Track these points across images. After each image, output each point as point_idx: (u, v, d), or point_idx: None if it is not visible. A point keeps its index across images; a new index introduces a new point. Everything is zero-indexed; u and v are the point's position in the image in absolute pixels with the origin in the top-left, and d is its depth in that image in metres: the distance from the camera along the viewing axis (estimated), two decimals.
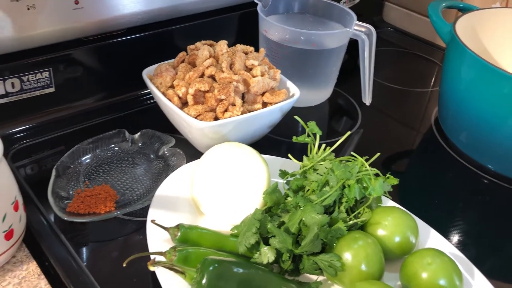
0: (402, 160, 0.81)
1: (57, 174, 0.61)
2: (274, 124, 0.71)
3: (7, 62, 0.66)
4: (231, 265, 0.47)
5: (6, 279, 0.52)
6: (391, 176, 0.59)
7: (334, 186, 0.54)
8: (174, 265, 0.46)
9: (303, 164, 0.60)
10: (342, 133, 0.81)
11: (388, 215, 0.55)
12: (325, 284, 0.52)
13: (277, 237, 0.50)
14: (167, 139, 0.69)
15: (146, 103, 0.82)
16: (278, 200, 0.56)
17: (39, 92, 0.71)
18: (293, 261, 0.52)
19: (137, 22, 0.74)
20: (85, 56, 0.74)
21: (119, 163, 0.67)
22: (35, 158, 0.70)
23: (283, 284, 0.48)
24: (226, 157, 0.57)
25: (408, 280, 0.50)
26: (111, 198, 0.60)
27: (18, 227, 0.53)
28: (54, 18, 0.65)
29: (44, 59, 0.69)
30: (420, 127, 0.89)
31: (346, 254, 0.50)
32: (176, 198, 0.58)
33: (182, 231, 0.51)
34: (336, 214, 0.53)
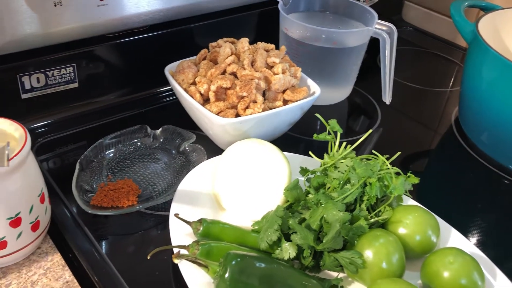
0: (421, 159, 0.81)
1: (81, 168, 0.62)
2: (294, 122, 0.71)
3: (33, 57, 0.67)
4: (253, 259, 0.47)
5: (32, 269, 0.54)
6: (412, 175, 0.59)
7: (356, 184, 0.54)
8: (197, 258, 0.47)
9: (324, 162, 0.60)
10: (360, 132, 0.81)
11: (409, 213, 0.55)
12: (345, 281, 0.52)
13: (298, 234, 0.50)
14: (188, 135, 0.69)
15: (166, 99, 0.83)
16: (298, 197, 0.56)
17: (63, 87, 0.72)
18: (314, 258, 0.52)
19: (159, 19, 0.75)
20: (108, 52, 0.75)
21: (141, 158, 0.68)
22: (58, 152, 0.71)
23: (304, 279, 0.48)
24: (248, 153, 0.58)
25: (429, 279, 0.50)
26: (134, 192, 0.60)
27: (43, 219, 0.54)
28: (80, 14, 0.66)
29: (69, 55, 0.70)
30: (439, 127, 0.88)
31: (367, 251, 0.50)
32: (198, 193, 0.59)
33: (204, 226, 0.52)
34: (358, 212, 0.53)
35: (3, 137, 0.53)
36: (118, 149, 0.68)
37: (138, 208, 0.59)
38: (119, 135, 0.68)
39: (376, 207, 0.57)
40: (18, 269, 0.53)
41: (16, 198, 0.50)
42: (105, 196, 0.59)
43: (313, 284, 0.48)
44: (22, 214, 0.50)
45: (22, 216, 0.51)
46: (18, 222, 0.50)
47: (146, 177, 0.65)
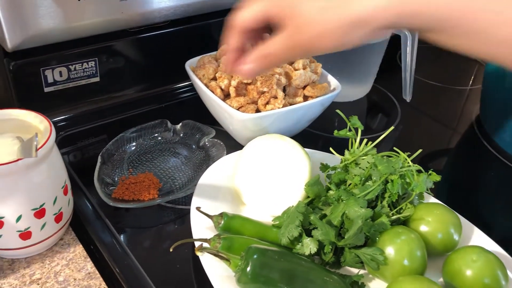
0: (440, 158, 0.80)
1: (103, 161, 0.63)
2: (314, 118, 0.71)
3: (56, 51, 0.68)
4: (275, 254, 0.47)
5: (54, 260, 0.54)
6: (433, 173, 0.59)
7: (377, 180, 0.54)
8: (219, 251, 0.47)
9: (344, 158, 0.59)
10: (378, 130, 0.81)
11: (431, 211, 0.54)
12: (365, 277, 0.52)
13: (320, 229, 0.50)
14: (207, 130, 0.70)
15: (186, 95, 0.83)
16: (319, 193, 0.56)
17: (85, 81, 0.72)
18: (334, 254, 0.52)
19: (180, 14, 0.75)
20: (129, 47, 0.75)
21: (161, 152, 0.69)
22: (79, 146, 0.72)
23: (325, 275, 0.48)
24: (269, 148, 0.58)
25: (451, 277, 0.50)
26: (154, 186, 0.61)
27: (66, 210, 0.55)
28: (102, 9, 0.67)
29: (91, 49, 0.71)
30: (459, 125, 0.87)
31: (389, 248, 0.50)
32: (218, 187, 0.59)
33: (225, 220, 0.52)
34: (379, 209, 0.53)
35: (28, 129, 0.54)
36: (138, 143, 0.68)
37: (159, 202, 0.59)
38: (139, 129, 0.69)
39: (397, 204, 0.56)
40: (42, 260, 0.54)
41: (41, 189, 0.50)
42: (127, 189, 0.60)
43: (334, 279, 0.48)
44: (47, 205, 0.51)
45: (46, 207, 0.51)
46: (42, 213, 0.51)
47: (166, 171, 0.65)
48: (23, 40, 0.63)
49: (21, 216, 0.50)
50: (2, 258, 0.54)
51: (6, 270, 0.53)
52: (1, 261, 0.54)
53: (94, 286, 0.52)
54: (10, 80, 0.66)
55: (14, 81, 0.67)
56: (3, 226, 0.50)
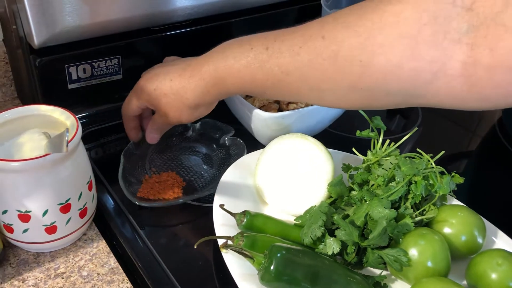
0: (461, 160, 0.79)
1: (125, 161, 0.63)
2: (336, 118, 0.71)
3: (81, 48, 0.69)
4: (298, 253, 0.47)
5: (78, 255, 0.55)
6: (457, 175, 0.58)
7: (401, 181, 0.54)
8: (243, 249, 0.47)
9: (367, 159, 0.59)
10: (397, 132, 0.80)
11: (455, 213, 0.54)
12: (388, 278, 0.52)
13: (343, 229, 0.50)
14: (227, 129, 0.70)
15: None
16: (342, 193, 0.56)
17: (108, 78, 0.73)
18: (357, 254, 0.52)
19: (203, 13, 0.76)
20: (152, 45, 0.76)
21: (182, 151, 0.69)
22: (101, 142, 0.73)
23: (348, 275, 0.48)
24: (292, 147, 0.58)
25: (475, 280, 0.49)
26: (178, 185, 0.61)
27: (90, 206, 0.56)
28: (127, 6, 0.67)
29: (114, 47, 0.72)
30: (482, 127, 0.86)
31: (413, 249, 0.49)
32: (240, 186, 0.59)
33: (248, 218, 0.52)
34: (402, 210, 0.53)
35: (55, 125, 0.54)
36: (159, 142, 0.68)
37: (184, 200, 0.60)
38: None
39: (420, 206, 0.56)
40: (66, 254, 0.55)
41: (67, 185, 0.51)
42: (151, 189, 0.60)
43: (357, 280, 0.48)
44: (72, 200, 0.52)
45: (72, 202, 0.52)
46: (67, 208, 0.52)
47: (188, 170, 0.66)
48: (49, 37, 0.64)
49: (47, 210, 0.50)
50: (28, 251, 0.55)
51: (32, 264, 0.53)
52: (27, 255, 0.54)
53: (117, 281, 0.52)
54: (36, 77, 0.67)
55: (40, 77, 0.67)
56: (30, 220, 0.50)
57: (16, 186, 0.49)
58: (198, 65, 0.54)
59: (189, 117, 0.58)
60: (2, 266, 0.53)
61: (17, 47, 0.70)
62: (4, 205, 0.50)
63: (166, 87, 0.56)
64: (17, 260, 0.54)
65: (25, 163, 0.47)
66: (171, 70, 0.57)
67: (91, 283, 0.52)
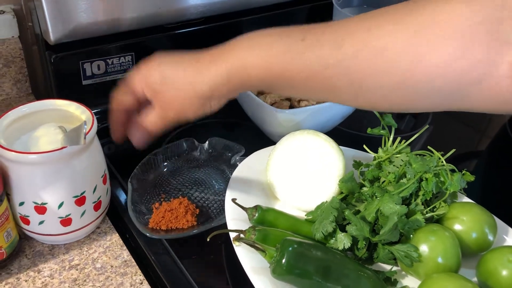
0: (471, 159, 0.80)
1: (132, 188, 0.60)
2: (347, 116, 0.71)
3: (95, 45, 0.70)
4: (310, 247, 0.48)
5: (92, 247, 0.56)
6: (467, 173, 0.59)
7: (412, 178, 0.54)
8: (255, 242, 0.48)
9: (378, 156, 0.60)
10: (405, 130, 0.81)
11: (465, 210, 0.54)
12: (398, 274, 0.52)
13: (354, 225, 0.50)
14: (236, 148, 0.66)
15: None
16: (353, 189, 0.56)
17: (121, 75, 0.74)
18: (367, 250, 0.52)
19: (215, 11, 0.76)
20: (165, 43, 0.76)
21: (192, 174, 0.66)
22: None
23: (359, 269, 0.48)
24: (304, 143, 0.58)
25: (486, 277, 0.50)
26: (192, 212, 0.58)
27: (105, 199, 0.56)
28: (141, 4, 0.68)
29: (128, 44, 0.72)
30: (492, 127, 0.86)
31: (423, 245, 0.50)
32: (251, 181, 0.60)
33: (259, 212, 0.53)
34: (413, 206, 0.53)
35: (70, 119, 0.55)
36: (166, 166, 0.66)
37: (198, 231, 0.56)
38: (165, 149, 0.66)
39: (430, 203, 0.56)
40: (80, 247, 0.56)
41: (82, 178, 0.52)
42: (163, 218, 0.57)
43: (368, 274, 0.48)
44: (87, 193, 0.53)
45: (87, 195, 0.53)
46: (82, 201, 0.53)
47: (201, 194, 0.63)
48: (65, 33, 0.65)
49: (63, 203, 0.51)
50: (43, 243, 0.56)
51: (47, 255, 0.54)
52: (42, 246, 0.55)
53: (130, 273, 0.53)
54: (51, 72, 0.68)
55: (55, 73, 0.68)
56: (46, 212, 0.51)
57: (33, 179, 0.50)
58: (221, 52, 0.48)
59: (196, 111, 0.50)
60: (18, 258, 0.54)
61: (33, 44, 0.72)
62: (21, 197, 0.51)
63: (178, 77, 0.49)
64: (33, 252, 0.55)
65: (42, 155, 0.48)
66: (182, 60, 0.51)
67: (104, 275, 0.53)
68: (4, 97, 0.79)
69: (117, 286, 0.51)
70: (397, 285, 0.51)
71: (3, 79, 0.78)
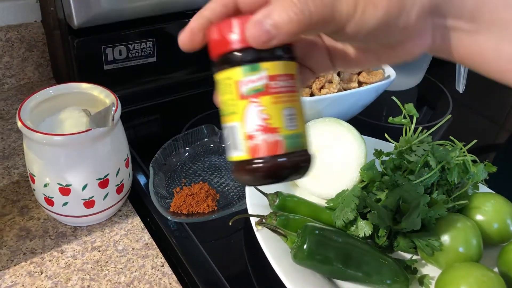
0: (490, 151, 0.79)
1: (154, 172, 0.60)
2: (367, 104, 0.71)
3: (117, 30, 0.70)
4: (331, 233, 0.48)
5: (114, 229, 0.57)
6: (489, 163, 0.58)
7: (434, 167, 0.54)
8: (277, 227, 0.48)
9: (399, 145, 0.59)
10: (423, 121, 0.80)
11: (487, 201, 0.54)
12: (418, 263, 0.52)
13: (375, 213, 0.50)
14: None
15: None
16: (374, 178, 0.56)
17: (142, 61, 0.74)
18: (388, 238, 0.52)
19: None
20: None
21: (211, 160, 0.66)
22: (135, 123, 0.75)
23: (380, 257, 0.48)
24: (326, 131, 0.58)
25: (507, 268, 0.49)
26: (212, 197, 0.59)
27: (127, 183, 0.57)
28: None
29: (150, 30, 0.73)
30: (508, 122, 0.85)
31: (445, 235, 0.50)
32: None
33: (280, 198, 0.53)
34: (435, 196, 0.53)
35: (94, 103, 0.56)
36: (187, 151, 0.66)
37: (218, 216, 0.56)
38: (186, 135, 0.67)
39: (452, 193, 0.56)
40: (102, 229, 0.57)
41: (106, 160, 0.52)
42: (184, 202, 0.57)
43: (389, 262, 0.48)
44: (110, 176, 0.53)
45: (110, 178, 0.53)
46: (106, 184, 0.53)
47: (221, 180, 0.63)
48: (88, 18, 0.65)
49: (86, 185, 0.52)
50: (66, 225, 0.56)
51: (70, 236, 0.55)
52: (65, 228, 0.56)
53: (151, 256, 0.54)
54: (73, 57, 0.69)
55: (77, 57, 0.69)
56: (70, 194, 0.52)
57: (58, 160, 0.50)
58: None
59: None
60: (41, 238, 0.55)
61: (55, 28, 0.72)
62: (46, 178, 0.51)
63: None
64: (56, 233, 0.56)
65: (68, 137, 0.48)
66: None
67: (126, 257, 0.53)
68: (26, 81, 0.80)
69: (139, 268, 0.52)
70: (417, 274, 0.51)
71: (26, 63, 0.79)
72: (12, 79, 0.79)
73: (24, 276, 0.50)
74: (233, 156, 0.31)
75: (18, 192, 0.60)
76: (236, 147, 0.31)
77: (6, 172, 0.63)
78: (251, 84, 0.30)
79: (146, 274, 0.51)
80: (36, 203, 0.59)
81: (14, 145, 0.68)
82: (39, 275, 0.50)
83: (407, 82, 0.85)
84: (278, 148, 0.30)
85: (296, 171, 0.31)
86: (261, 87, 0.30)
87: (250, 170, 0.31)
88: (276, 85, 0.30)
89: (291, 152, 0.31)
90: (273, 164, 0.30)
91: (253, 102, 0.30)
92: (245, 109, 0.30)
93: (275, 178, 0.31)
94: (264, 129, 0.30)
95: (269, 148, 0.30)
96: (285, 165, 0.31)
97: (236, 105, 0.30)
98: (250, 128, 0.30)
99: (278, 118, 0.30)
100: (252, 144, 0.30)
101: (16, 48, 0.77)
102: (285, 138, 0.30)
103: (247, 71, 0.30)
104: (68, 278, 0.50)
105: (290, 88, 0.31)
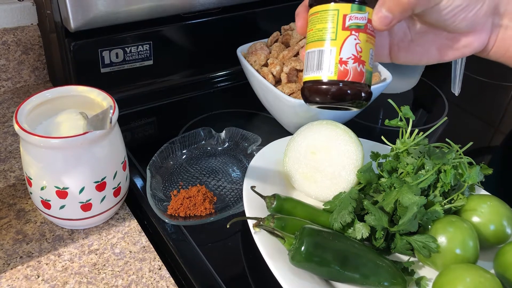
0: (486, 153, 0.79)
1: (152, 175, 0.60)
2: None
3: (114, 33, 0.70)
4: (329, 235, 0.48)
5: (111, 232, 0.57)
6: (485, 166, 0.59)
7: (430, 170, 0.54)
8: (275, 229, 0.48)
9: (396, 147, 0.60)
10: (419, 124, 0.80)
11: (484, 202, 0.54)
12: (415, 265, 0.52)
13: (373, 215, 0.51)
14: (253, 138, 0.67)
15: (239, 80, 0.84)
16: (371, 180, 0.56)
17: (139, 64, 0.74)
18: (385, 240, 0.52)
19: (232, 1, 0.76)
20: (182, 32, 0.77)
21: (209, 162, 0.66)
22: (132, 126, 0.75)
23: (377, 259, 0.48)
24: (322, 133, 0.58)
25: (504, 269, 0.50)
26: (210, 200, 0.59)
27: (124, 185, 0.57)
28: None
29: (146, 33, 0.73)
30: (505, 122, 0.86)
31: (442, 236, 0.50)
32: (268, 171, 0.60)
33: (277, 201, 0.53)
34: (432, 198, 0.53)
35: (91, 105, 0.56)
36: (184, 154, 0.66)
37: (216, 218, 0.56)
38: (183, 138, 0.66)
39: (448, 195, 0.56)
40: (99, 232, 0.56)
41: (103, 163, 0.52)
42: (181, 205, 0.57)
43: (386, 264, 0.48)
44: (107, 179, 0.53)
45: (107, 181, 0.53)
46: (103, 186, 0.53)
47: (218, 182, 0.63)
48: (85, 21, 0.65)
49: (84, 188, 0.52)
50: (63, 228, 0.56)
51: (66, 240, 0.55)
52: (62, 231, 0.56)
53: (148, 259, 0.53)
54: (70, 60, 0.69)
55: (74, 60, 0.69)
56: (67, 197, 0.52)
57: (55, 163, 0.50)
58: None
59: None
60: (38, 241, 0.54)
61: (51, 31, 0.72)
62: (43, 181, 0.51)
63: None
64: (53, 236, 0.55)
65: (65, 140, 0.48)
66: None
67: (123, 260, 0.53)
68: (22, 84, 0.80)
69: (136, 271, 0.52)
70: (414, 276, 0.51)
71: (22, 66, 0.79)
72: (8, 82, 0.79)
73: (21, 279, 0.50)
74: (314, 75, 0.38)
75: (14, 196, 0.60)
76: (321, 67, 0.38)
77: (2, 175, 0.63)
78: (356, 20, 0.37)
79: (144, 277, 0.51)
80: (32, 206, 0.58)
81: (10, 148, 0.67)
82: (36, 279, 0.50)
83: (403, 85, 0.85)
84: (361, 77, 0.38)
85: (365, 99, 0.39)
86: (362, 25, 0.38)
87: (331, 90, 0.37)
88: (370, 28, 0.38)
89: (367, 84, 0.39)
90: (352, 88, 0.37)
91: (353, 35, 0.37)
92: (345, 38, 0.37)
93: (347, 101, 0.38)
94: (356, 59, 0.37)
95: (355, 75, 0.37)
96: (361, 91, 0.38)
97: (336, 34, 0.37)
98: (345, 55, 0.37)
99: (366, 54, 0.38)
100: (344, 68, 0.37)
101: (12, 51, 0.77)
102: (366, 71, 0.38)
103: (355, 9, 0.37)
104: (65, 282, 0.50)
105: (375, 34, 0.39)
